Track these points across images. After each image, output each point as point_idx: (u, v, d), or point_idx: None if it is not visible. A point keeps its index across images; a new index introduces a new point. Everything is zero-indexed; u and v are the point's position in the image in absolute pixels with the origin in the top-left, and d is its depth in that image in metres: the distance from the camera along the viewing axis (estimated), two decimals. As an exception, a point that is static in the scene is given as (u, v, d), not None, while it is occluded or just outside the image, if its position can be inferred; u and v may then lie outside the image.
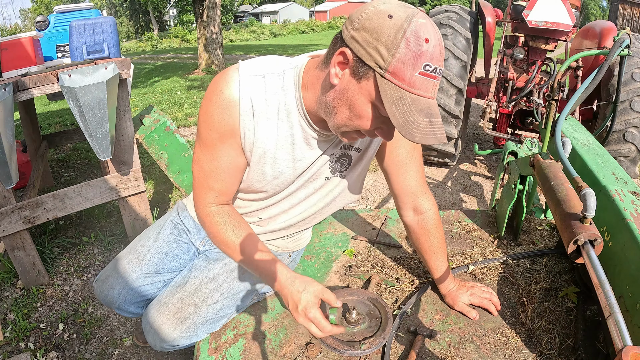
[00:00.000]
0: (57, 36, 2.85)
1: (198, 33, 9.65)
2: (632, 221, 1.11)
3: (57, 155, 4.23)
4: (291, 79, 0.96)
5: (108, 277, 1.33)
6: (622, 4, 15.40)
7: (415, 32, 0.75)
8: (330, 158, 1.08)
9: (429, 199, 1.22)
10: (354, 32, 0.79)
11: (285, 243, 1.30)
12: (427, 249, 1.23)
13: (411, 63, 0.75)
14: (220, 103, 0.94)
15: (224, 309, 1.19)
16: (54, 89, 1.88)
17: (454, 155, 3.77)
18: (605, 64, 1.47)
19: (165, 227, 1.35)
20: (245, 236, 1.06)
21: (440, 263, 1.24)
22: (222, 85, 0.94)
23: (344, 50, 0.80)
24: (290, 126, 0.99)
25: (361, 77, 0.80)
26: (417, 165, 1.18)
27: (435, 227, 1.22)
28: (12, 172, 1.81)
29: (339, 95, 0.85)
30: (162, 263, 1.30)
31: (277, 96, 0.96)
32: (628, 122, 3.11)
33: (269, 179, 1.06)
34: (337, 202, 1.21)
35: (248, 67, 0.96)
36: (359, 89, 0.82)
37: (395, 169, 1.17)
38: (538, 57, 3.58)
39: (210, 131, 0.97)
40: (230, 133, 0.97)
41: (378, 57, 0.76)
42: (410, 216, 1.24)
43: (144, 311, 1.26)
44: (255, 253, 1.04)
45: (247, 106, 0.94)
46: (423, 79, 0.77)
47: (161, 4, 30.10)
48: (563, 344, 1.10)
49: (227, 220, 1.07)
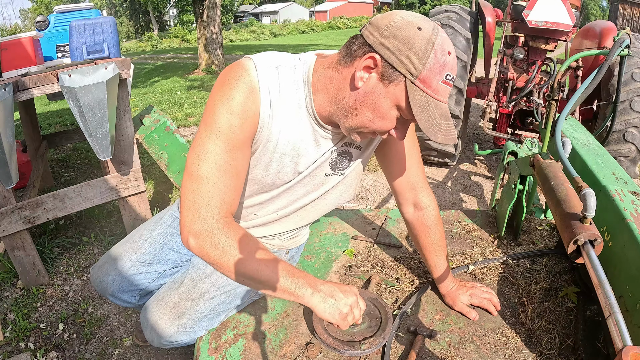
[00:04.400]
0: (57, 36, 2.85)
1: (198, 33, 9.66)
2: (632, 221, 1.11)
3: (57, 155, 4.23)
4: (300, 75, 0.96)
5: (104, 263, 1.35)
6: (622, 4, 15.40)
7: (441, 45, 0.84)
8: (330, 155, 1.09)
9: (429, 195, 1.25)
10: (384, 40, 0.84)
11: (281, 241, 1.30)
12: (427, 246, 1.24)
13: (437, 72, 0.84)
14: (243, 87, 0.89)
15: (221, 305, 1.20)
16: (54, 89, 1.88)
17: (454, 155, 3.77)
18: (605, 64, 1.47)
19: (164, 220, 1.37)
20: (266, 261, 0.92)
21: (440, 261, 1.24)
22: (241, 71, 0.91)
23: (374, 55, 0.85)
24: (299, 121, 0.98)
25: (390, 82, 0.86)
26: (416, 162, 1.21)
27: (435, 224, 1.24)
28: (12, 172, 1.81)
29: (363, 97, 0.89)
30: (157, 254, 1.32)
31: (290, 90, 0.96)
32: (628, 122, 3.11)
33: (272, 171, 1.04)
34: (334, 199, 1.21)
35: (261, 59, 0.94)
36: (385, 93, 0.87)
37: (396, 166, 1.20)
38: (538, 57, 3.58)
39: (232, 115, 0.89)
40: (252, 120, 0.91)
41: (410, 64, 0.83)
42: (411, 212, 1.26)
43: (143, 307, 1.27)
44: (281, 277, 0.92)
45: (265, 96, 0.92)
46: (444, 86, 0.87)
47: (161, 4, 30.08)
48: (563, 344, 1.10)
49: (235, 240, 0.90)
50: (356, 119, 0.91)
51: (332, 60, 0.94)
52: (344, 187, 1.19)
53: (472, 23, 3.64)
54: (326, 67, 0.95)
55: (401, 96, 0.86)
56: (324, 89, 0.95)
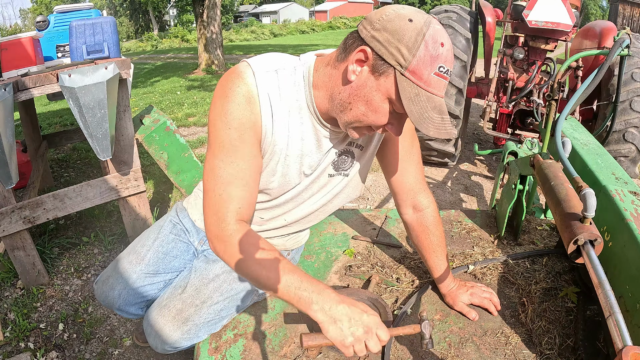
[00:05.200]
0: (57, 36, 2.85)
1: (198, 33, 9.66)
2: (632, 221, 1.11)
3: (57, 155, 4.23)
4: (301, 76, 0.97)
5: (108, 277, 1.33)
6: (622, 4, 15.41)
7: (433, 36, 0.82)
8: (333, 155, 1.09)
9: (428, 196, 1.24)
10: (375, 32, 0.84)
11: (284, 241, 1.30)
12: (426, 247, 1.24)
13: (429, 63, 0.82)
14: (240, 100, 0.91)
15: (225, 310, 1.19)
16: (54, 89, 1.88)
17: (454, 155, 3.77)
18: (605, 64, 1.47)
19: (165, 227, 1.35)
20: (279, 265, 0.90)
21: (440, 261, 1.24)
22: (237, 81, 0.92)
23: (365, 48, 0.85)
24: (301, 122, 0.99)
25: (381, 74, 0.85)
26: (416, 163, 1.21)
27: (434, 225, 1.23)
28: (12, 172, 1.81)
29: (356, 91, 0.88)
30: (162, 263, 1.30)
31: (290, 92, 0.97)
32: (628, 122, 3.11)
33: (278, 176, 1.04)
34: (339, 200, 1.20)
35: (260, 63, 0.95)
36: (377, 86, 0.86)
37: (394, 167, 1.19)
38: (538, 57, 3.58)
39: (230, 130, 0.92)
40: (252, 130, 0.93)
41: (399, 56, 0.82)
42: (410, 214, 1.25)
43: (145, 313, 1.25)
44: (293, 283, 0.88)
45: (265, 102, 0.93)
46: (437, 79, 0.84)
47: (161, 4, 30.09)
48: (563, 344, 1.10)
49: (252, 244, 0.91)
50: (350, 113, 0.91)
51: (331, 58, 0.95)
52: (349, 187, 1.18)
53: (472, 23, 3.64)
54: (325, 64, 0.95)
55: (392, 88, 0.85)
56: (324, 86, 0.95)
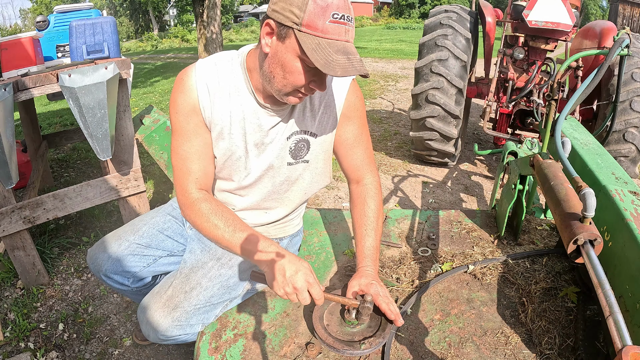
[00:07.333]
0: (57, 36, 2.85)
1: (198, 33, 9.66)
2: (632, 221, 1.11)
3: (57, 155, 4.23)
4: (238, 64, 1.14)
5: (102, 242, 1.41)
6: (622, 4, 15.41)
7: None
8: (288, 143, 1.19)
9: (373, 175, 1.34)
10: (273, 5, 0.96)
11: (266, 229, 1.36)
12: (358, 218, 1.28)
13: (320, 14, 0.91)
14: (182, 89, 1.12)
15: (215, 297, 1.21)
16: (54, 89, 1.88)
17: (454, 155, 3.77)
18: (605, 64, 1.47)
19: (164, 208, 1.47)
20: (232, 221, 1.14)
21: (368, 239, 1.22)
22: (182, 76, 1.13)
23: (268, 21, 0.97)
24: (240, 103, 1.14)
25: (285, 38, 0.96)
26: (364, 147, 1.32)
27: (372, 198, 1.29)
28: (12, 172, 1.81)
29: (271, 60, 1.01)
30: (155, 238, 1.38)
31: (228, 78, 1.13)
32: (628, 122, 3.11)
33: (228, 154, 1.18)
34: (307, 186, 1.31)
35: (203, 60, 1.15)
36: (285, 49, 0.97)
37: (344, 151, 1.30)
38: (538, 57, 3.58)
39: (177, 114, 1.13)
40: (193, 111, 1.12)
41: (293, 16, 0.93)
42: (353, 187, 1.35)
43: (140, 303, 1.29)
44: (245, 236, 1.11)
45: (203, 88, 1.11)
46: (335, 25, 0.93)
47: (161, 4, 30.11)
48: (563, 344, 1.10)
49: (211, 208, 1.15)
50: (275, 81, 1.02)
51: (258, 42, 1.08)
52: (312, 173, 1.29)
53: (472, 23, 3.64)
54: (254, 49, 1.11)
55: (296, 47, 0.95)
56: (254, 67, 1.10)
